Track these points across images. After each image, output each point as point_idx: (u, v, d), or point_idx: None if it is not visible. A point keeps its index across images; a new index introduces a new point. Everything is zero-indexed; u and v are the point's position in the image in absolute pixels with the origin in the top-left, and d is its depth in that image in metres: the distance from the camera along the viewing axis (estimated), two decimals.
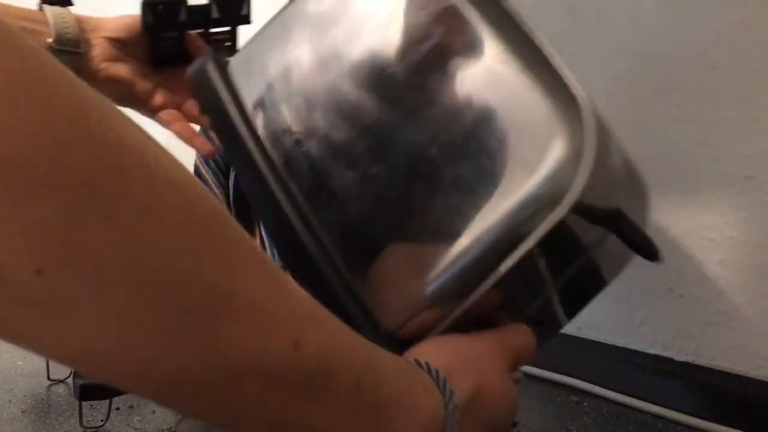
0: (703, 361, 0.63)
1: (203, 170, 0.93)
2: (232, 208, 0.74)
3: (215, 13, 0.68)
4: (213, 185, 0.78)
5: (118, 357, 0.24)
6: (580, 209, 0.36)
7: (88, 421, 0.57)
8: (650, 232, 0.67)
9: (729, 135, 0.60)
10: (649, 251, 0.45)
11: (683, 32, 0.64)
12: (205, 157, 0.79)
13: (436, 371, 0.35)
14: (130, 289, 0.23)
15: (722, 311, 0.61)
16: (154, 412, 0.59)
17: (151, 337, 0.24)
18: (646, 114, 0.68)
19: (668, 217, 0.66)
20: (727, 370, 0.61)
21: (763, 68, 0.58)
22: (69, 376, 0.67)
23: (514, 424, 0.57)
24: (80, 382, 0.53)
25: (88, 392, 0.53)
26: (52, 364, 0.69)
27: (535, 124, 0.39)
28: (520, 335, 0.41)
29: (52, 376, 0.68)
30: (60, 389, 0.66)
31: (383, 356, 0.33)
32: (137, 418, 0.58)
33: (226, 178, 0.79)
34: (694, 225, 0.63)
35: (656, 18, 0.67)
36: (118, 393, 0.55)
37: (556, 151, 0.38)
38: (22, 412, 0.59)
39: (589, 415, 0.60)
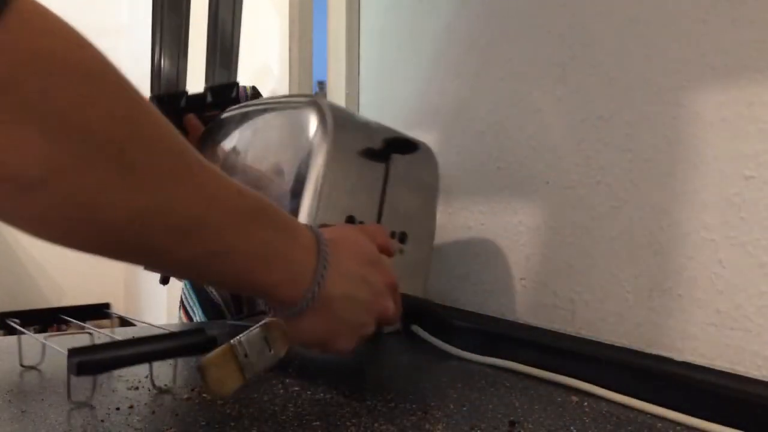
0: (703, 361, 0.63)
1: None
2: None
3: (209, 98, 0.86)
4: None
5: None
6: None
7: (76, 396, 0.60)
8: (650, 231, 0.68)
9: (729, 135, 0.61)
10: None
11: (682, 32, 0.64)
12: None
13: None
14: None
15: (722, 311, 0.61)
16: (153, 412, 0.59)
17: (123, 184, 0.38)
18: (645, 114, 0.68)
19: (668, 217, 0.66)
20: (727, 370, 0.61)
21: (763, 68, 0.58)
22: (41, 362, 0.67)
23: (514, 424, 0.57)
24: (76, 360, 0.55)
25: (82, 368, 0.56)
26: (23, 350, 0.71)
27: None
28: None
29: (24, 363, 0.70)
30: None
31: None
32: (137, 418, 0.57)
33: None
34: (694, 225, 0.63)
35: (655, 16, 0.67)
36: (110, 369, 0.62)
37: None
38: (22, 412, 0.59)
39: (589, 415, 0.60)
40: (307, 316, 0.51)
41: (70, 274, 2.91)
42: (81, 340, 0.66)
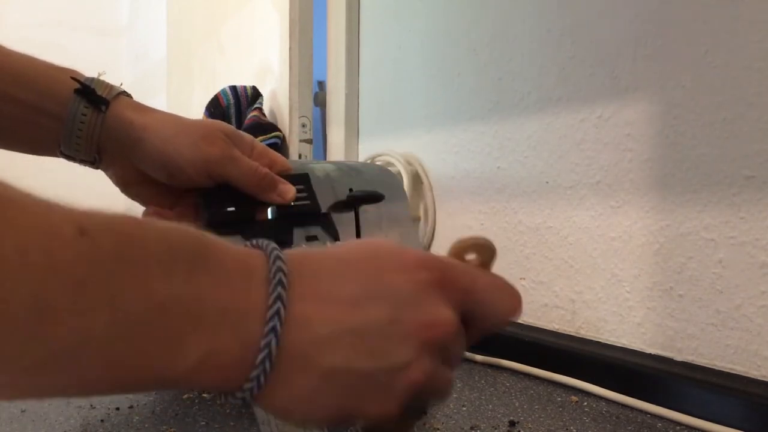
0: (703, 361, 0.63)
1: None
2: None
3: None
4: None
5: None
6: None
7: None
8: (650, 231, 0.68)
9: (729, 135, 0.60)
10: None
11: (680, 32, 0.64)
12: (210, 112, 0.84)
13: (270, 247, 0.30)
14: None
15: (722, 311, 0.61)
16: (153, 412, 0.59)
17: None
18: (645, 114, 0.68)
19: (668, 217, 0.66)
20: (727, 370, 0.61)
21: (763, 68, 0.58)
22: None
23: (514, 424, 0.57)
24: None
25: None
26: None
27: None
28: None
29: None
30: None
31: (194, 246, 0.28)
32: (137, 418, 0.57)
33: None
34: (694, 225, 0.63)
35: (655, 16, 0.67)
36: None
37: None
38: (22, 411, 0.59)
39: (589, 415, 0.60)
40: (284, 382, 0.29)
41: None
42: None
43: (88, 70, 0.55)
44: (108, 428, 0.55)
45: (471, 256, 0.37)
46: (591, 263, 0.74)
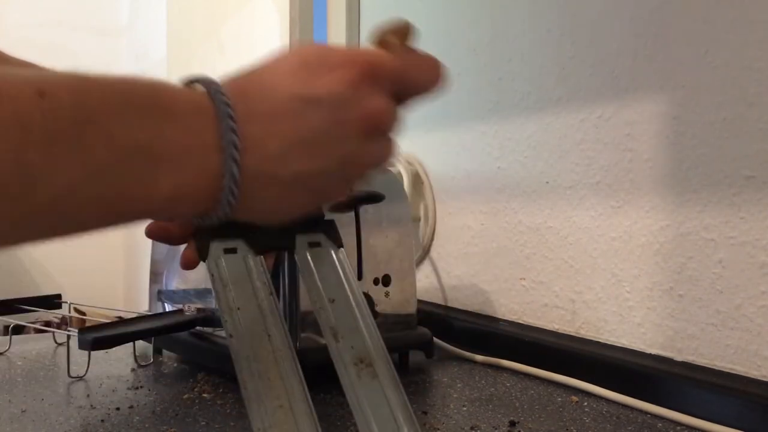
0: (703, 361, 0.63)
1: None
2: None
3: None
4: None
5: None
6: None
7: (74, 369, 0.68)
8: (650, 231, 0.68)
9: (729, 135, 0.60)
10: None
11: (680, 32, 0.64)
12: None
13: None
14: None
15: (722, 311, 0.61)
16: (153, 412, 0.59)
17: None
18: (645, 114, 0.68)
19: (668, 217, 0.66)
20: (727, 370, 0.61)
21: (763, 68, 0.58)
22: (86, 373, 0.69)
23: (514, 424, 0.57)
24: (90, 336, 0.62)
25: (96, 343, 0.63)
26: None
27: None
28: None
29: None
30: (60, 389, 0.66)
31: (141, 90, 0.31)
32: (137, 418, 0.57)
33: None
34: (694, 225, 0.63)
35: (655, 16, 0.67)
36: (117, 344, 0.66)
37: None
38: (22, 412, 0.59)
39: (589, 415, 0.60)
40: (253, 197, 0.33)
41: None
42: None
43: (88, 70, 0.55)
44: (108, 428, 0.55)
45: (392, 39, 0.41)
46: (591, 263, 0.74)
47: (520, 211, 0.83)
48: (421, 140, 1.00)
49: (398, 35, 0.41)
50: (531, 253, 0.82)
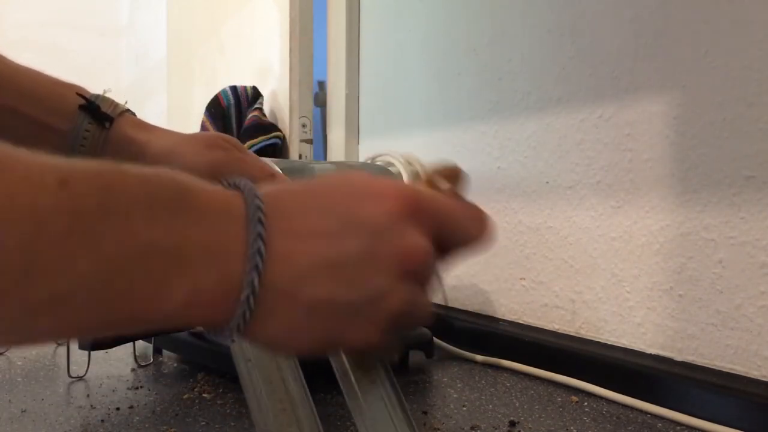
0: (703, 361, 0.63)
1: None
2: None
3: None
4: None
5: None
6: None
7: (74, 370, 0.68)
8: (650, 231, 0.67)
9: (729, 135, 0.60)
10: None
11: (680, 32, 0.64)
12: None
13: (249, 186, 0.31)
14: None
15: (722, 311, 0.61)
16: (153, 412, 0.59)
17: None
18: (645, 114, 0.68)
19: (668, 217, 0.66)
20: (727, 370, 0.61)
21: (763, 68, 0.58)
22: (86, 373, 0.69)
23: (514, 424, 0.57)
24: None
25: (96, 343, 0.64)
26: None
27: None
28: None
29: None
30: (60, 388, 0.66)
31: (169, 186, 0.29)
32: (137, 418, 0.57)
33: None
34: (694, 225, 0.63)
35: (655, 16, 0.67)
36: (117, 344, 0.66)
37: None
38: (22, 412, 0.59)
39: (589, 415, 0.60)
40: (270, 316, 0.30)
41: None
42: None
43: (89, 70, 0.55)
44: (108, 428, 0.55)
45: (443, 184, 0.39)
46: (591, 263, 0.74)
47: (520, 211, 0.83)
48: (421, 140, 1.00)
49: (448, 177, 0.40)
50: (531, 253, 0.82)
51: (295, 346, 0.32)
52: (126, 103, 0.55)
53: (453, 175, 0.40)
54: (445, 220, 0.35)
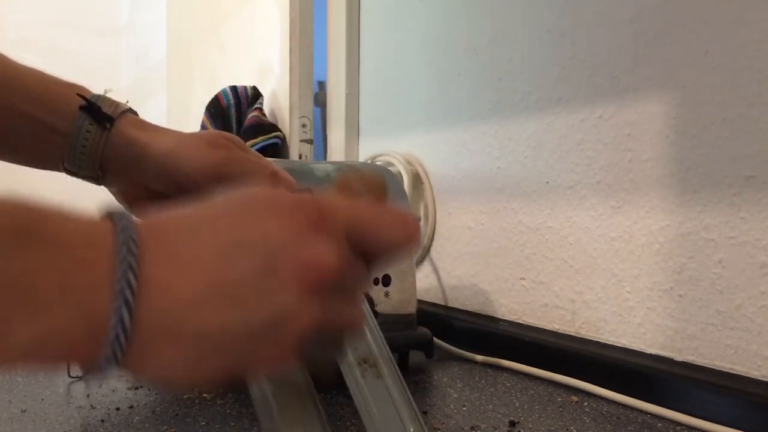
0: (703, 361, 0.63)
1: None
2: None
3: None
4: None
5: None
6: None
7: (74, 369, 0.63)
8: (650, 231, 0.67)
9: (729, 135, 0.60)
10: None
11: (680, 32, 0.64)
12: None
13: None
14: None
15: (722, 311, 0.61)
16: (153, 412, 0.59)
17: None
18: (645, 114, 0.68)
19: (668, 217, 0.66)
20: (727, 370, 0.61)
21: (763, 68, 0.58)
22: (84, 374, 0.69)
23: (514, 424, 0.57)
24: None
25: None
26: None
27: None
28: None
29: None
30: (60, 388, 0.66)
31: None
32: (137, 418, 0.57)
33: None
34: (694, 225, 0.63)
35: (655, 16, 0.67)
36: None
37: None
38: (22, 412, 0.59)
39: (589, 415, 0.60)
40: (151, 353, 0.27)
41: None
42: None
43: (88, 70, 0.55)
44: (108, 428, 0.55)
45: (357, 186, 0.37)
46: (591, 263, 0.74)
47: (520, 211, 0.83)
48: (421, 140, 1.00)
49: (368, 186, 0.38)
50: (531, 253, 0.82)
51: (191, 380, 0.29)
52: (128, 102, 0.55)
53: (373, 183, 0.38)
54: (360, 227, 0.32)
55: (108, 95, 0.54)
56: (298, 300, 0.29)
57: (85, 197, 0.57)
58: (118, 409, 0.59)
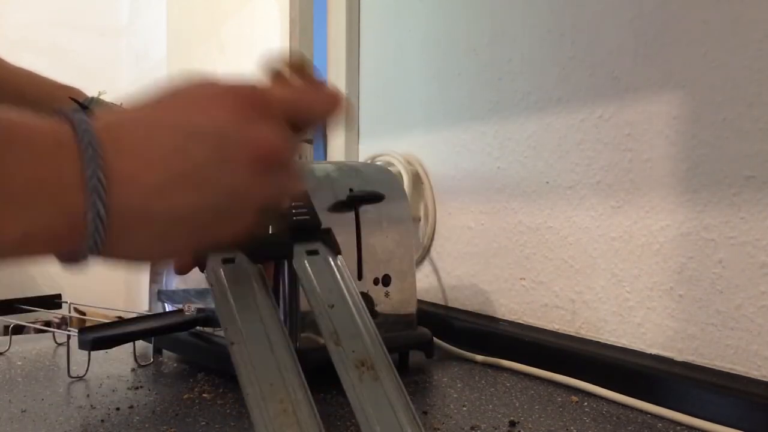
0: (703, 361, 0.63)
1: None
2: None
3: None
4: None
5: None
6: None
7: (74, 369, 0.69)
8: (650, 231, 0.67)
9: (729, 135, 0.60)
10: None
11: (680, 32, 0.64)
12: None
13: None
14: None
15: (722, 311, 0.61)
16: (153, 412, 0.59)
17: None
18: (645, 114, 0.68)
19: (668, 217, 0.66)
20: (727, 370, 0.61)
21: (763, 68, 0.58)
22: (85, 373, 0.69)
23: (514, 424, 0.57)
24: (90, 336, 0.62)
25: (96, 343, 0.63)
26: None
27: None
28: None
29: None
30: (60, 389, 0.66)
31: None
32: (137, 418, 0.57)
33: None
34: (694, 225, 0.63)
35: (655, 16, 0.67)
36: (117, 344, 0.66)
37: None
38: (22, 412, 0.59)
39: (589, 415, 0.60)
40: (127, 238, 0.31)
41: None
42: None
43: (88, 70, 0.56)
44: (108, 428, 0.55)
45: (283, 69, 0.41)
46: (591, 263, 0.74)
47: (520, 211, 0.83)
48: (421, 140, 1.00)
49: (293, 67, 0.42)
50: (531, 253, 0.82)
51: (165, 255, 0.35)
52: (122, 104, 0.55)
53: (297, 63, 0.42)
54: (294, 105, 0.36)
55: (102, 96, 0.54)
56: (251, 178, 0.33)
57: None
58: (118, 409, 0.59)
